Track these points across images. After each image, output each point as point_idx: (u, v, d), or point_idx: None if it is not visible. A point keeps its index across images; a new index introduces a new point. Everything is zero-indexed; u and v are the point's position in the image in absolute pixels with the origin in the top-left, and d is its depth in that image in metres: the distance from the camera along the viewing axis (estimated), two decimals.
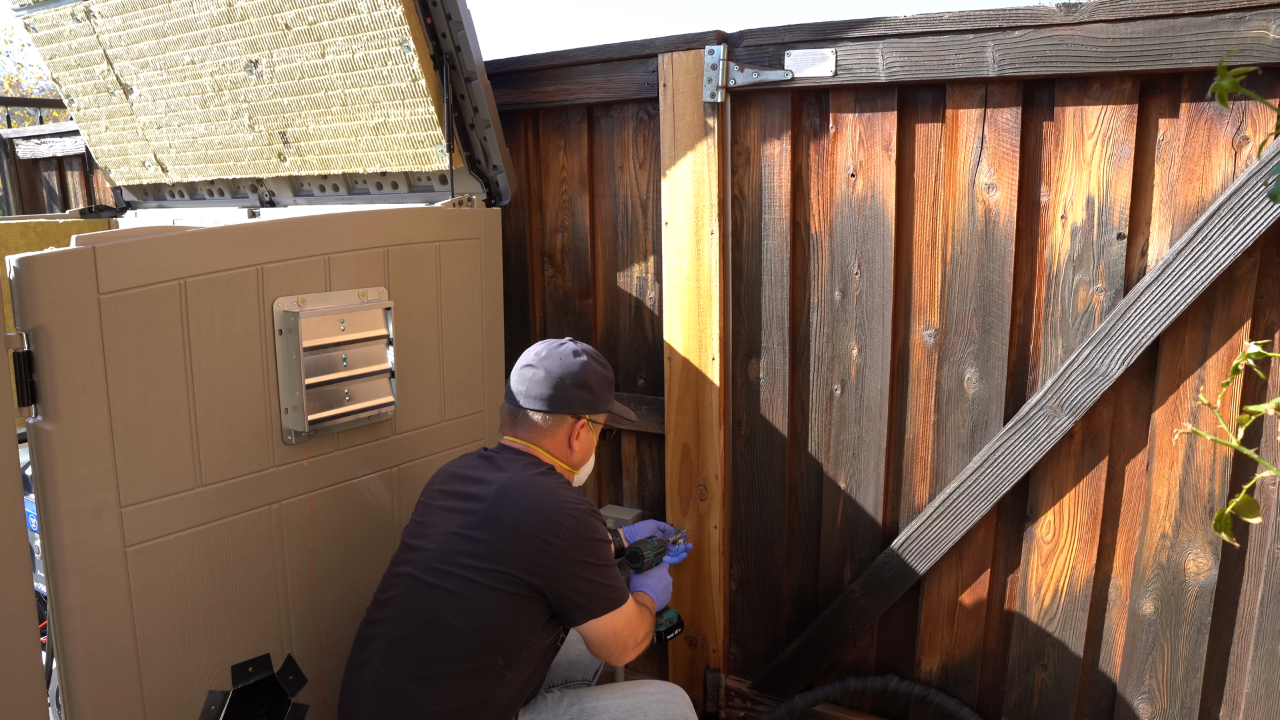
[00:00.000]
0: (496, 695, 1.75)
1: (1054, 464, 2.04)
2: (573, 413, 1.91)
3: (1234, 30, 1.66)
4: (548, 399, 1.89)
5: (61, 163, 4.19)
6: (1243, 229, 1.70)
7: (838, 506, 2.34)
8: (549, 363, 1.91)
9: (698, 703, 2.61)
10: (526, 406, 1.90)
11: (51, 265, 1.59)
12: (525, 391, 1.91)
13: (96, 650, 1.72)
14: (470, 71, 2.30)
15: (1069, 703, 2.12)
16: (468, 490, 1.85)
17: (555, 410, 1.89)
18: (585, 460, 2.00)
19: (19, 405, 1.61)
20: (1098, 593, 2.06)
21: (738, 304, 2.37)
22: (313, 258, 1.99)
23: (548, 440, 1.92)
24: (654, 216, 2.48)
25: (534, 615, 1.76)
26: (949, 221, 2.06)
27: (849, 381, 2.25)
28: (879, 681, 2.31)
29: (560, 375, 1.89)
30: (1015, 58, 1.88)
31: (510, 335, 2.68)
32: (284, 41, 2.44)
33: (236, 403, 1.88)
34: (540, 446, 1.91)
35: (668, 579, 2.14)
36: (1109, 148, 1.86)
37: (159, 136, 2.98)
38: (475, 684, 1.73)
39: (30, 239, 3.08)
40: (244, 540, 1.93)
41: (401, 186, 2.60)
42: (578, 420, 1.92)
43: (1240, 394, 1.82)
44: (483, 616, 1.72)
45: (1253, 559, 1.87)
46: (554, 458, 1.92)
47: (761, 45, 2.16)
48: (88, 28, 2.86)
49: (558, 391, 1.89)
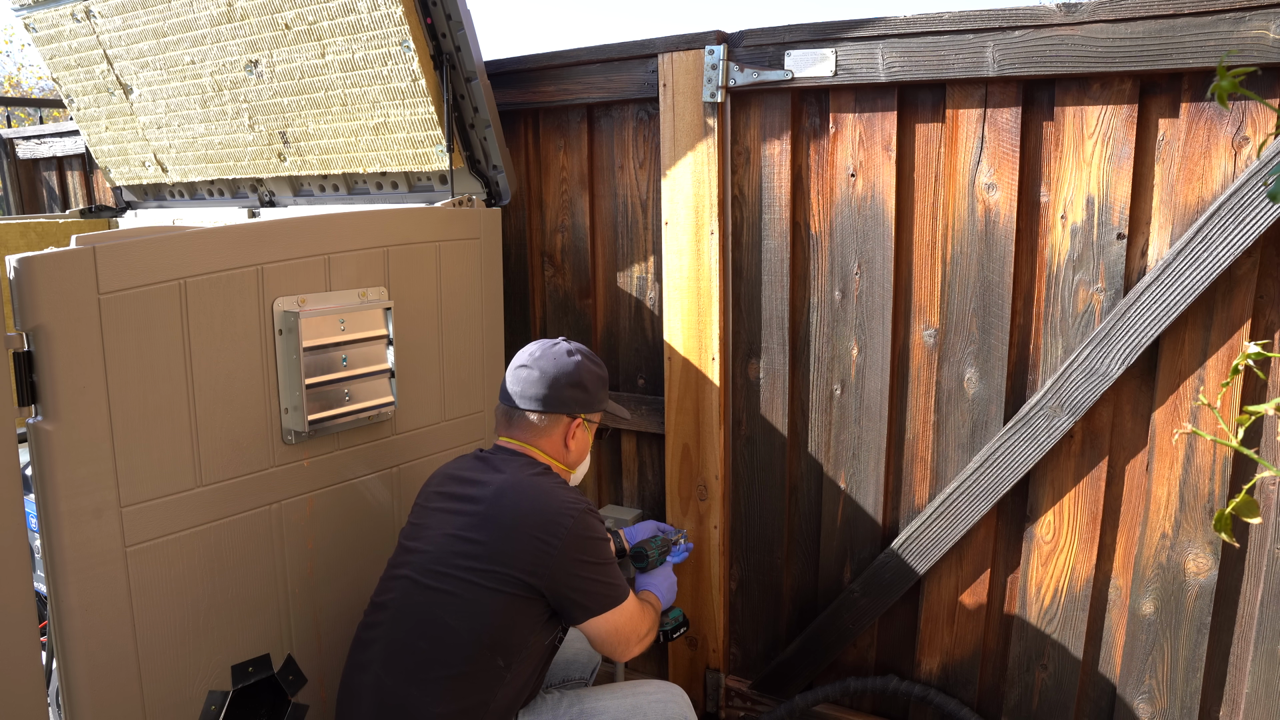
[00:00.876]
0: (497, 696, 1.75)
1: (1054, 464, 2.04)
2: (568, 412, 1.91)
3: (1234, 30, 1.66)
4: (543, 399, 1.89)
5: (61, 163, 4.18)
6: (1243, 229, 1.70)
7: (838, 506, 2.34)
8: (543, 363, 1.91)
9: (698, 703, 2.61)
10: (522, 407, 1.90)
11: (51, 265, 1.59)
12: (520, 392, 1.91)
13: (96, 650, 1.72)
14: (470, 71, 2.30)
15: (1069, 703, 2.12)
16: (464, 492, 1.84)
17: (550, 410, 1.90)
18: (581, 460, 2.00)
19: (19, 405, 1.61)
20: (1098, 593, 2.06)
21: (738, 304, 2.37)
22: (313, 258, 1.99)
23: (543, 440, 1.92)
24: (654, 216, 2.48)
25: (533, 615, 1.76)
26: (949, 221, 2.06)
27: (849, 381, 2.25)
28: (879, 681, 2.31)
29: (555, 375, 1.90)
30: (1015, 58, 1.88)
31: (510, 335, 2.68)
32: (284, 41, 2.44)
33: (236, 403, 1.88)
34: (536, 447, 1.91)
35: (672, 578, 2.14)
36: (1109, 148, 1.86)
37: (159, 136, 2.98)
38: (475, 685, 1.73)
39: (30, 239, 3.08)
40: (244, 540, 1.93)
41: (401, 186, 2.60)
42: (573, 420, 1.92)
43: (1240, 394, 1.82)
44: (481, 618, 1.72)
45: (1253, 559, 1.87)
46: (550, 458, 1.92)
47: (761, 45, 2.16)
48: (88, 28, 2.86)
49: (553, 391, 1.89)
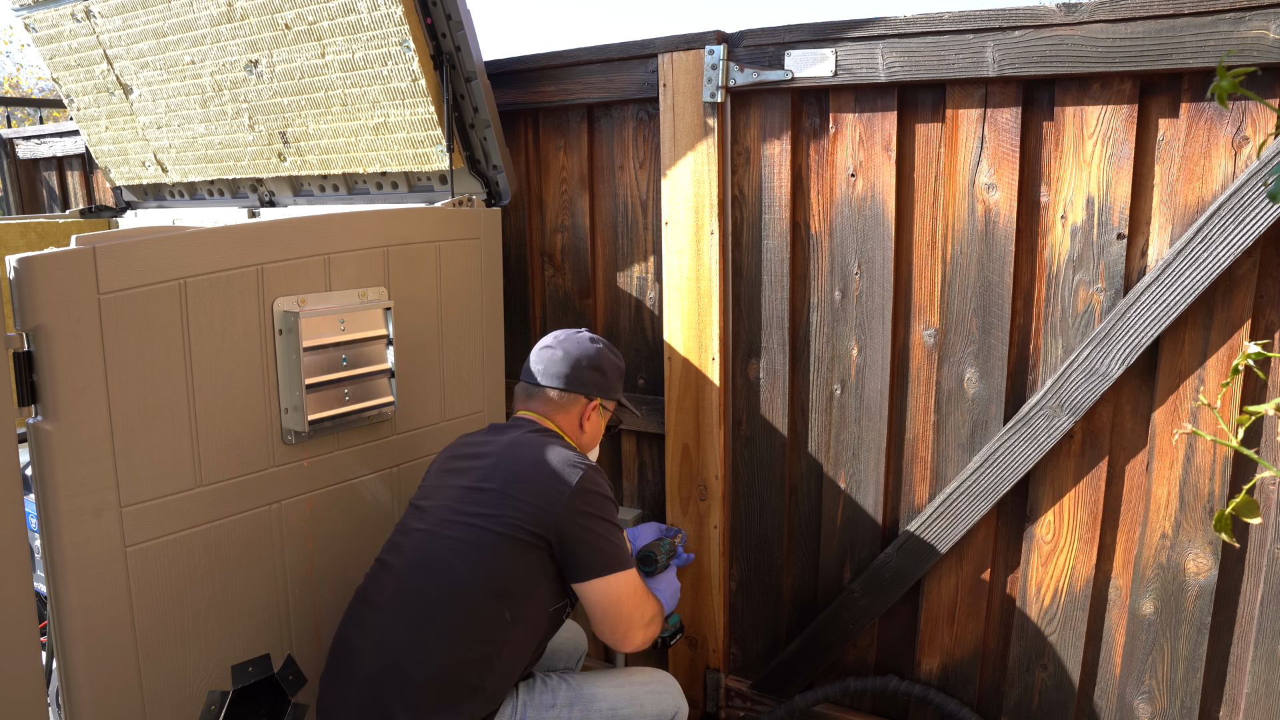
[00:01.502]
0: (502, 654, 1.75)
1: (1054, 464, 2.04)
2: (586, 393, 1.99)
3: (1234, 30, 1.66)
4: (564, 376, 1.97)
5: (61, 163, 4.18)
6: (1243, 229, 1.70)
7: (838, 506, 2.34)
8: (567, 345, 2.01)
9: (698, 703, 2.61)
10: (543, 384, 1.99)
11: (51, 265, 1.59)
12: (543, 370, 1.99)
13: (96, 650, 1.72)
14: (470, 71, 2.30)
15: (1069, 703, 2.12)
16: (477, 451, 1.91)
17: (570, 389, 1.98)
18: (592, 446, 2.06)
19: (19, 405, 1.61)
20: (1098, 593, 2.06)
21: (738, 304, 2.37)
22: (313, 258, 1.99)
23: (560, 416, 1.99)
24: (654, 216, 2.48)
25: (539, 566, 1.77)
26: (949, 221, 2.06)
27: (849, 381, 2.25)
28: (879, 681, 2.31)
29: (578, 356, 1.99)
30: (1015, 58, 1.88)
31: (510, 335, 2.68)
32: (284, 41, 2.44)
33: (236, 403, 1.88)
34: (553, 421, 1.98)
35: (676, 584, 2.14)
36: (1109, 148, 1.86)
37: (159, 136, 2.98)
38: (481, 636, 1.73)
39: (30, 239, 3.08)
40: (244, 540, 1.93)
41: (401, 186, 2.60)
42: (590, 401, 2.00)
43: (1240, 394, 1.82)
44: (489, 561, 1.74)
45: (1253, 559, 1.87)
46: (564, 433, 1.98)
47: (761, 45, 2.16)
48: (88, 28, 2.86)
49: (574, 371, 1.98)
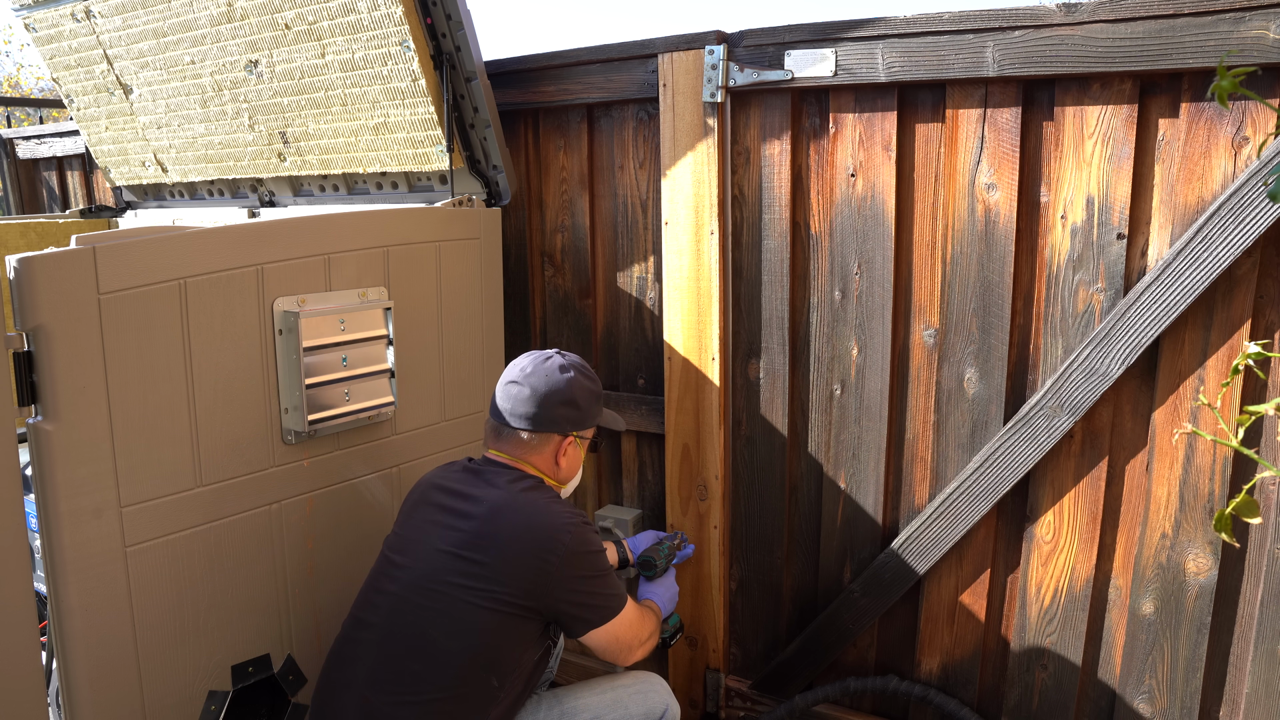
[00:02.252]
0: (490, 715, 1.73)
1: (1054, 464, 2.04)
2: (559, 431, 1.87)
3: (1234, 30, 1.66)
4: (533, 418, 1.84)
5: (61, 163, 4.18)
6: (1243, 229, 1.70)
7: (838, 506, 2.33)
8: (534, 380, 1.85)
9: (698, 703, 2.61)
10: (513, 425, 1.86)
11: (51, 265, 1.59)
12: (510, 410, 1.86)
13: (96, 650, 1.72)
14: (470, 71, 2.30)
15: (1069, 703, 2.12)
16: (456, 506, 1.80)
17: (541, 430, 1.85)
18: (573, 476, 1.96)
19: (19, 405, 1.61)
20: (1098, 593, 2.06)
21: (738, 304, 2.37)
22: (313, 258, 1.99)
23: (534, 457, 1.87)
24: (654, 216, 2.48)
25: (527, 633, 1.74)
26: (949, 221, 2.06)
27: (849, 381, 2.25)
28: (879, 681, 2.31)
29: (546, 393, 1.84)
30: (1015, 58, 1.88)
31: (510, 335, 2.68)
32: (284, 41, 2.44)
33: (236, 403, 1.88)
34: (527, 462, 1.87)
35: (675, 587, 2.15)
36: (1109, 148, 1.86)
37: (159, 136, 2.98)
38: (469, 706, 1.70)
39: (30, 239, 3.08)
40: (244, 540, 1.93)
41: (401, 186, 2.60)
42: (565, 438, 1.88)
43: (1240, 394, 1.82)
44: (474, 636, 1.69)
45: (1253, 559, 1.87)
46: (541, 473, 1.88)
47: (761, 45, 2.15)
48: (88, 28, 2.86)
49: (544, 410, 1.84)
